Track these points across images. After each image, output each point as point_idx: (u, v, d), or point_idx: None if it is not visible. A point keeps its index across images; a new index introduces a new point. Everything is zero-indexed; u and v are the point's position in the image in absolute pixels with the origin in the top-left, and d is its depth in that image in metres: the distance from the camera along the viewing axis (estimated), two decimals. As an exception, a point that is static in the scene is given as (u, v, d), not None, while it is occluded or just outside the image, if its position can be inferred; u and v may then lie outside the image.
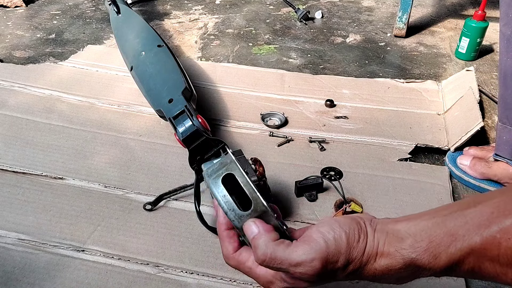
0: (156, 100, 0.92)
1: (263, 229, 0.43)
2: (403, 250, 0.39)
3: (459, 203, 0.42)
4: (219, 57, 1.31)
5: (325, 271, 0.40)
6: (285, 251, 0.41)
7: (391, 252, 0.40)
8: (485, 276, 0.38)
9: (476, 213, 0.38)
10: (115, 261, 0.70)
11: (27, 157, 0.90)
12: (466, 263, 0.38)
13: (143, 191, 0.83)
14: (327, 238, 0.41)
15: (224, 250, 0.47)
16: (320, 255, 0.40)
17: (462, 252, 0.37)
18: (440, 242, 0.38)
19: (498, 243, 0.36)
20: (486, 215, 0.37)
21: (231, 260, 0.47)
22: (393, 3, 1.67)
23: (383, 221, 0.43)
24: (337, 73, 1.23)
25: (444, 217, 0.40)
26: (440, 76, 1.21)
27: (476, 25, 1.22)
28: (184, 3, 1.68)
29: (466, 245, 0.37)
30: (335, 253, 0.40)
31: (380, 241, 0.41)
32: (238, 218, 0.44)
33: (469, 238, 0.37)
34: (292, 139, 0.97)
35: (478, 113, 0.92)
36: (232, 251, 0.46)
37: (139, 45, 1.06)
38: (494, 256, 0.36)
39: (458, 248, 0.38)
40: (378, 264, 0.41)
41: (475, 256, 0.37)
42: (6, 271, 0.68)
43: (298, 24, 1.52)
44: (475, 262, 0.38)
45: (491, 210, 0.37)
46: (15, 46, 1.36)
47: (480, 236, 0.37)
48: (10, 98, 1.08)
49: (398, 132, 0.99)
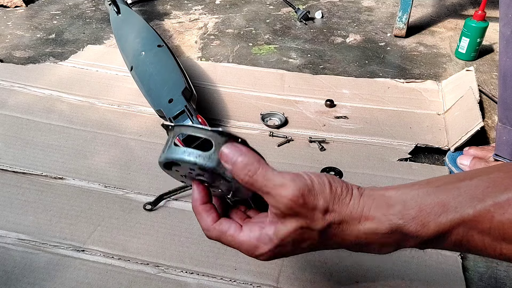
0: (156, 100, 0.92)
1: (243, 147, 0.42)
2: (390, 216, 0.39)
3: (454, 176, 0.41)
4: (219, 57, 1.31)
5: (304, 204, 0.39)
6: (273, 172, 0.41)
7: (377, 217, 0.39)
8: (472, 248, 0.38)
9: (471, 186, 0.38)
10: (115, 261, 0.70)
11: (27, 157, 0.90)
12: (455, 234, 0.37)
13: (143, 191, 0.83)
14: (311, 178, 0.41)
15: (203, 223, 0.45)
16: (301, 185, 0.40)
17: (452, 222, 0.37)
18: (430, 211, 0.38)
19: (491, 216, 0.35)
20: (481, 189, 0.37)
21: (212, 231, 0.45)
22: (393, 3, 1.67)
23: (371, 189, 0.42)
24: (337, 73, 1.23)
25: (437, 188, 0.39)
26: (440, 76, 1.21)
27: (476, 25, 1.22)
28: (184, 3, 1.68)
29: (458, 216, 0.37)
30: (317, 192, 0.40)
31: (366, 206, 0.40)
32: (208, 159, 0.42)
33: (461, 209, 0.37)
34: (292, 139, 0.97)
35: (478, 113, 0.92)
36: (212, 222, 0.45)
37: (139, 45, 1.06)
38: (485, 229, 0.36)
39: (448, 219, 0.37)
40: (362, 227, 0.40)
41: (465, 227, 0.37)
42: (6, 271, 0.68)
43: (298, 24, 1.52)
44: (464, 234, 0.37)
45: (486, 184, 0.37)
46: (15, 46, 1.36)
47: (473, 208, 0.36)
48: (10, 98, 1.08)
49: (398, 132, 0.99)
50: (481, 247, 0.37)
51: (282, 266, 0.69)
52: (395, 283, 0.67)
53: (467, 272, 0.69)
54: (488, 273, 0.69)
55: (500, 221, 0.35)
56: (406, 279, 0.67)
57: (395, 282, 0.67)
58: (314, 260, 0.70)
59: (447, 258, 0.70)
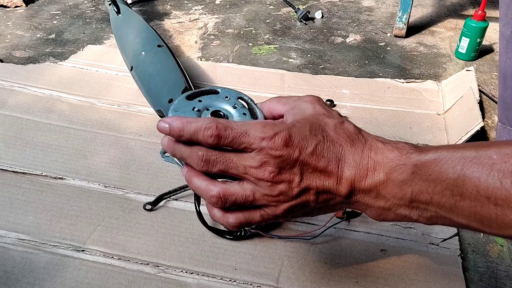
0: (156, 100, 0.92)
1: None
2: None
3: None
4: (219, 57, 1.31)
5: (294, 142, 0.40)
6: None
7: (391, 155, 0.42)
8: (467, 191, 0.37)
9: (475, 143, 0.39)
10: (115, 261, 0.70)
11: (27, 157, 0.90)
12: (452, 167, 0.38)
13: (143, 191, 0.83)
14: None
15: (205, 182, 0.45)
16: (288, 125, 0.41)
17: (452, 155, 0.38)
18: (431, 148, 0.40)
19: (493, 163, 0.36)
20: (485, 144, 0.38)
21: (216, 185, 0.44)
22: (393, 3, 1.67)
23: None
24: (337, 73, 1.23)
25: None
26: (440, 76, 1.21)
27: (476, 25, 1.22)
28: (184, 3, 1.68)
29: (459, 154, 0.38)
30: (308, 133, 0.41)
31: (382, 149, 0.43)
32: None
33: (463, 150, 0.38)
34: (292, 139, 0.97)
35: (478, 113, 0.92)
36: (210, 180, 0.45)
37: (139, 45, 1.06)
38: (485, 171, 0.36)
39: (449, 153, 0.38)
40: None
41: (464, 163, 0.37)
42: (6, 271, 0.68)
43: (298, 24, 1.52)
44: (462, 171, 0.37)
45: (491, 142, 0.40)
46: (15, 46, 1.36)
47: (475, 152, 0.37)
48: (10, 98, 1.08)
49: (398, 132, 0.99)
50: (475, 192, 0.37)
51: (282, 266, 0.69)
52: (395, 283, 0.67)
53: (467, 272, 0.69)
54: (488, 273, 0.69)
55: (501, 169, 0.35)
56: (406, 279, 0.67)
57: (395, 282, 0.67)
58: (314, 260, 0.70)
59: (447, 258, 0.70)
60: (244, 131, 0.41)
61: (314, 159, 0.40)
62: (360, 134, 0.43)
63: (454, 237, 0.73)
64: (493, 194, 0.35)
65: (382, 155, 0.41)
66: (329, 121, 0.43)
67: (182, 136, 0.43)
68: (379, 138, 0.44)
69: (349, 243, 0.73)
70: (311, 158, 0.40)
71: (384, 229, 0.75)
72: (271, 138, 0.40)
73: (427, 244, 0.73)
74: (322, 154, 0.41)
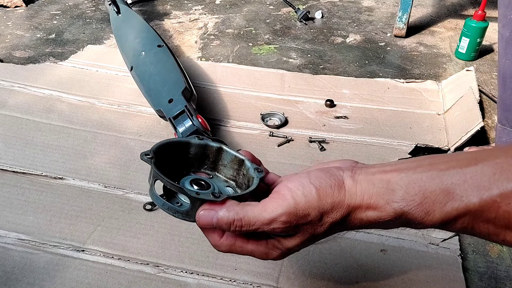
0: (156, 100, 0.92)
1: (217, 207, 0.41)
2: (394, 203, 0.38)
3: (458, 158, 0.39)
4: (219, 57, 1.31)
5: (297, 225, 0.40)
6: (254, 211, 0.40)
7: (380, 205, 0.39)
8: (476, 234, 0.38)
9: (477, 172, 0.36)
10: (115, 261, 0.70)
11: (27, 157, 0.90)
12: (460, 222, 0.37)
13: (143, 191, 0.83)
14: (295, 195, 0.40)
15: (212, 240, 0.46)
16: (288, 210, 0.39)
17: (458, 212, 0.36)
18: (435, 199, 0.37)
19: (498, 206, 0.35)
20: (487, 176, 0.35)
21: (222, 246, 0.45)
22: (393, 3, 1.67)
23: (367, 171, 0.41)
24: (337, 73, 1.23)
25: (441, 172, 0.37)
26: (440, 76, 1.21)
27: (476, 25, 1.22)
28: (184, 3, 1.68)
29: (463, 205, 0.36)
30: (305, 208, 0.39)
31: (366, 193, 0.39)
32: (187, 216, 0.42)
33: (467, 198, 0.36)
34: (292, 139, 0.97)
35: (478, 113, 0.92)
36: (219, 237, 0.45)
37: (139, 45, 1.06)
38: (491, 219, 0.35)
39: (454, 208, 0.36)
40: (365, 215, 0.40)
41: (470, 216, 0.36)
42: (6, 271, 0.68)
43: (298, 24, 1.52)
44: (469, 222, 0.36)
45: (493, 171, 0.35)
46: (15, 46, 1.36)
47: (479, 198, 0.35)
48: (10, 98, 1.08)
49: (398, 132, 0.99)
50: (484, 234, 0.37)
51: (282, 266, 0.69)
52: (395, 283, 0.67)
53: (467, 272, 0.69)
54: (488, 273, 0.69)
55: (506, 211, 0.34)
56: (406, 279, 0.67)
57: (395, 282, 0.67)
58: (314, 260, 0.70)
59: (447, 258, 0.70)
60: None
61: None
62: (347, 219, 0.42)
63: (454, 237, 0.73)
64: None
65: None
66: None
67: None
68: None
69: (349, 243, 0.73)
70: None
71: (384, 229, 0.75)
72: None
73: (427, 244, 0.73)
74: None
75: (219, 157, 0.48)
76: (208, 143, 0.47)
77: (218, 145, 0.47)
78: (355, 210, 0.40)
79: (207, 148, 0.47)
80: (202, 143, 0.47)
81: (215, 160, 0.48)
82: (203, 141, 0.47)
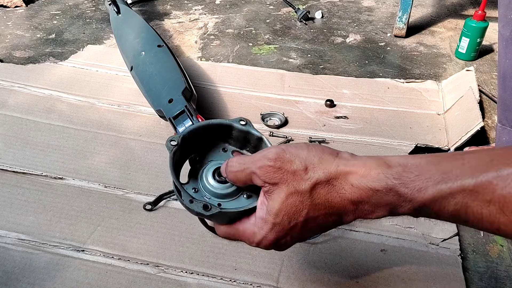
0: (156, 100, 0.92)
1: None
2: (388, 175, 0.38)
3: (457, 152, 0.40)
4: (219, 57, 1.31)
5: (281, 168, 0.41)
6: (250, 157, 0.44)
7: (373, 175, 0.39)
8: (470, 220, 0.37)
9: (475, 157, 0.36)
10: (115, 261, 0.70)
11: (27, 157, 0.90)
12: (453, 202, 0.36)
13: (143, 191, 0.83)
14: (286, 146, 0.43)
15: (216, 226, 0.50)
16: (276, 151, 0.42)
17: (451, 189, 0.36)
18: (429, 177, 0.37)
19: (493, 189, 0.34)
20: (485, 161, 0.36)
21: (222, 228, 0.48)
22: (393, 3, 1.67)
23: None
24: (337, 73, 1.23)
25: (440, 158, 0.38)
26: (440, 76, 1.21)
27: (476, 25, 1.22)
28: (184, 3, 1.68)
29: (458, 184, 0.36)
30: (292, 154, 0.42)
31: (361, 163, 0.40)
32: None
33: (462, 178, 0.35)
34: (292, 139, 0.97)
35: (478, 113, 0.92)
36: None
37: (139, 45, 1.06)
38: (486, 200, 0.35)
39: (448, 186, 0.36)
40: (356, 181, 0.39)
41: (465, 195, 0.36)
42: (6, 271, 0.68)
43: (298, 24, 1.52)
44: (463, 203, 0.36)
45: (491, 158, 0.36)
46: (15, 46, 1.36)
47: (475, 178, 0.35)
48: (10, 98, 1.08)
49: (398, 132, 0.99)
50: (478, 219, 0.36)
51: (282, 266, 0.69)
52: (395, 283, 0.67)
53: (467, 272, 0.69)
54: (488, 273, 0.69)
55: (502, 194, 0.34)
56: (406, 279, 0.67)
57: (395, 282, 0.67)
58: (314, 260, 0.70)
59: (447, 258, 0.71)
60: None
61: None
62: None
63: (454, 237, 0.73)
64: None
65: None
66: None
67: None
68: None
69: (349, 243, 0.73)
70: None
71: (384, 229, 0.75)
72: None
73: (427, 244, 0.73)
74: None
75: (259, 146, 0.52)
76: (250, 130, 0.52)
77: (259, 135, 0.52)
78: (345, 175, 0.40)
79: (249, 134, 0.52)
80: (244, 129, 0.52)
81: (255, 146, 0.53)
82: (246, 127, 0.52)
